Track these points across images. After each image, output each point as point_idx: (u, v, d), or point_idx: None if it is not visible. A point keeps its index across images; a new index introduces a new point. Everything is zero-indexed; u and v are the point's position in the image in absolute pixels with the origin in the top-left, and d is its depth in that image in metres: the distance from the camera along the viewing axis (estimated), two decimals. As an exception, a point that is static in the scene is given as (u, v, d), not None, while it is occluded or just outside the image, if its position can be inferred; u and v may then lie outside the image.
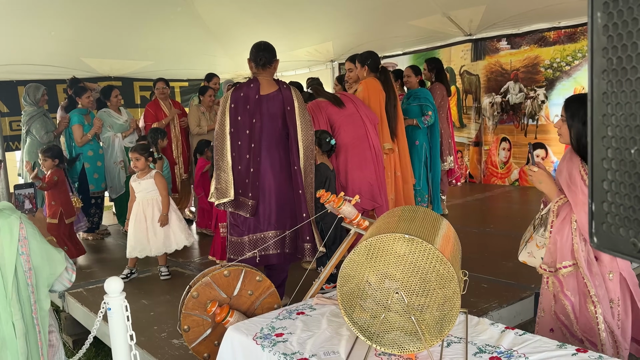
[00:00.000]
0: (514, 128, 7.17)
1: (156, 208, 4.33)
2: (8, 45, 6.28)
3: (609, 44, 0.70)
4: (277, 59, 3.48)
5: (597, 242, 0.75)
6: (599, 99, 0.72)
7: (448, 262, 1.89)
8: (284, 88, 3.44)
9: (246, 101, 3.33)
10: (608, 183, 0.72)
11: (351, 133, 4.27)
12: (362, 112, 4.36)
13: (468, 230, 5.17)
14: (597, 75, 0.72)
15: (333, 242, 3.71)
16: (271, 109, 3.38)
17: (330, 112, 4.29)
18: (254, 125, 3.32)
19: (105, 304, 2.25)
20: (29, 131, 5.40)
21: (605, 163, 0.72)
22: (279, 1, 7.14)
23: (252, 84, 3.39)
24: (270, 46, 3.47)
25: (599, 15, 0.71)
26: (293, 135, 3.39)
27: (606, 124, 0.72)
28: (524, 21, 6.66)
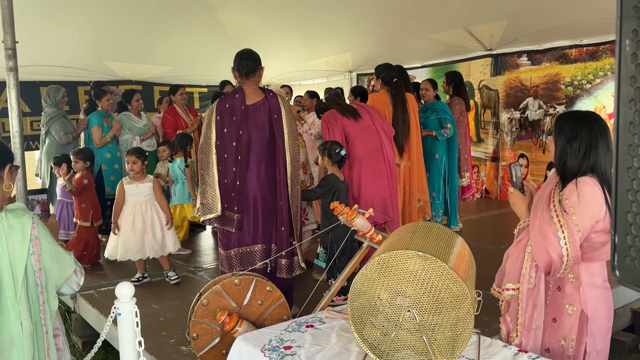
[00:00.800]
0: (532, 145, 7.10)
1: (154, 211, 4.36)
2: (32, 46, 6.36)
3: (637, 73, 0.68)
4: (261, 67, 3.39)
5: (620, 275, 0.72)
6: (625, 128, 0.70)
7: (462, 282, 1.87)
8: (270, 96, 3.35)
9: (232, 112, 3.24)
10: (632, 215, 0.70)
11: (366, 145, 4.25)
12: (377, 124, 4.34)
13: (483, 246, 5.11)
14: (624, 104, 0.70)
15: (343, 253, 3.68)
16: (258, 118, 3.29)
17: (345, 123, 4.28)
18: (241, 137, 3.24)
19: (115, 308, 2.25)
20: (49, 132, 5.47)
21: (630, 195, 0.70)
22: (300, 12, 7.18)
23: (237, 94, 3.31)
24: (253, 54, 3.39)
25: (627, 42, 0.69)
26: (280, 144, 3.30)
27: (632, 155, 0.69)
28: (545, 38, 6.61)
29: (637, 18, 0.68)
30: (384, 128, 4.37)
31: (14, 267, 1.90)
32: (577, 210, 2.00)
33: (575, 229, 2.00)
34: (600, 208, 2.02)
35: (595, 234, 2.04)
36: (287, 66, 9.17)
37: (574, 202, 2.01)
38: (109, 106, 5.82)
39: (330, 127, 4.26)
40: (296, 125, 3.46)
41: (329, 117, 4.34)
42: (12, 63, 4.29)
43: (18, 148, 4.34)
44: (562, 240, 2.00)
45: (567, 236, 2.00)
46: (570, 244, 2.00)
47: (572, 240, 2.00)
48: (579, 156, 2.06)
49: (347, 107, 4.44)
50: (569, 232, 2.00)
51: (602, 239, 2.04)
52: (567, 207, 2.02)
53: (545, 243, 2.04)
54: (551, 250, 2.03)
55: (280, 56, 8.85)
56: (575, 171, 2.08)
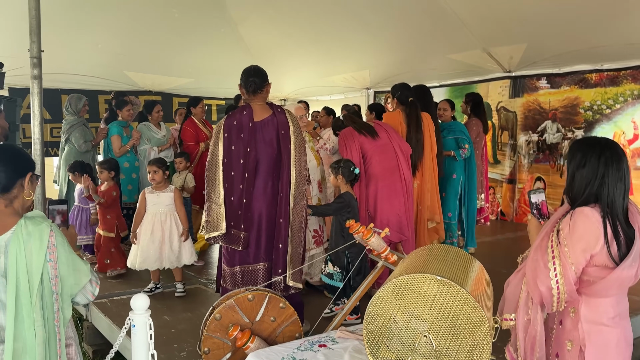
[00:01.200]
0: (550, 168, 7.04)
1: (174, 222, 4.37)
2: (56, 54, 6.47)
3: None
4: (268, 83, 3.39)
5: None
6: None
7: (480, 308, 1.85)
8: (278, 112, 3.34)
9: (240, 129, 3.23)
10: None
11: (383, 164, 4.24)
12: (395, 143, 4.34)
13: (497, 270, 5.01)
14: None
15: (358, 272, 3.65)
16: (266, 135, 3.28)
17: (362, 141, 4.27)
18: (248, 154, 3.22)
19: (130, 320, 2.25)
20: (68, 140, 5.54)
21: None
22: (320, 29, 7.24)
23: (245, 110, 3.30)
24: (260, 70, 3.39)
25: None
26: (286, 160, 3.27)
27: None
28: (565, 61, 6.58)
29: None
30: (401, 147, 4.36)
31: (30, 273, 1.91)
32: (569, 242, 1.94)
33: (568, 261, 1.93)
34: (596, 241, 1.93)
35: (593, 268, 1.96)
36: (305, 81, 9.23)
37: (567, 233, 1.95)
38: (129, 116, 5.88)
39: (348, 144, 4.26)
40: (304, 141, 3.43)
41: (346, 134, 4.34)
42: (36, 71, 4.38)
43: (38, 155, 4.42)
44: (552, 272, 1.94)
45: (559, 268, 1.94)
46: (561, 276, 1.93)
47: (564, 272, 1.93)
48: (584, 184, 2.00)
49: (364, 125, 4.44)
50: (561, 265, 1.94)
51: (601, 274, 1.94)
52: (561, 238, 1.96)
53: (535, 274, 1.99)
54: (540, 282, 1.96)
55: (298, 71, 8.92)
56: (579, 199, 2.01)
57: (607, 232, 1.92)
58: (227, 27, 7.47)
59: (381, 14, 6.57)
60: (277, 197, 3.28)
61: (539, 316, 2.06)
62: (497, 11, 5.90)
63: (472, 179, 5.40)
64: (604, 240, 1.92)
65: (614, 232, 1.93)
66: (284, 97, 10.10)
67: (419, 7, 6.19)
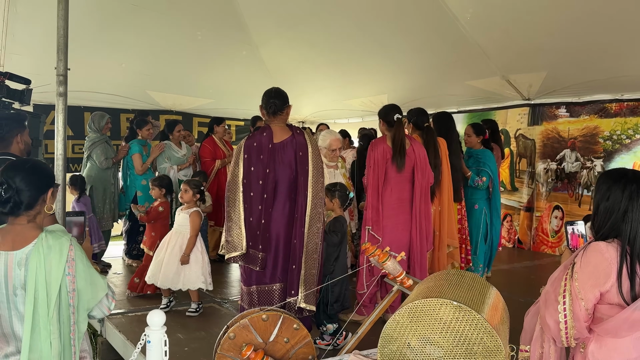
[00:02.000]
0: (568, 197, 6.98)
1: (180, 242, 4.38)
2: (80, 72, 6.61)
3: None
4: (288, 105, 3.42)
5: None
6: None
7: (496, 335, 1.83)
8: (297, 134, 3.37)
9: (259, 151, 3.27)
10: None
11: (396, 194, 4.14)
12: (418, 175, 4.15)
13: (514, 298, 4.98)
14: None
15: (336, 300, 3.60)
16: (285, 157, 3.31)
17: (388, 167, 4.16)
18: (267, 175, 3.25)
19: (145, 335, 2.27)
20: (90, 156, 5.64)
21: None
22: (340, 52, 7.33)
23: (265, 132, 3.34)
24: (281, 92, 3.44)
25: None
26: (302, 181, 3.29)
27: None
28: (585, 90, 6.57)
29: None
30: (422, 177, 4.17)
31: (49, 286, 1.95)
32: (580, 277, 1.88)
33: (578, 296, 1.86)
34: (606, 278, 1.85)
35: (605, 305, 1.88)
36: (323, 105, 9.31)
37: (578, 267, 1.90)
38: (148, 135, 5.98)
39: (376, 159, 4.10)
40: (322, 163, 3.45)
41: (381, 151, 4.11)
42: (62, 89, 4.48)
43: (60, 170, 4.49)
44: (561, 306, 1.89)
45: (568, 303, 1.88)
46: (570, 311, 1.87)
47: (573, 308, 1.87)
48: (606, 218, 1.94)
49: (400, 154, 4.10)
50: (571, 300, 1.88)
51: (612, 313, 1.85)
52: (574, 272, 1.91)
53: (546, 306, 1.94)
54: (548, 316, 1.92)
55: (317, 94, 9.00)
56: (600, 234, 1.95)
57: (622, 270, 1.84)
58: (248, 49, 7.60)
59: (400, 39, 6.64)
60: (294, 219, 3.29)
61: (552, 350, 2.01)
62: (517, 39, 5.93)
63: (495, 209, 5.32)
64: (617, 278, 1.84)
65: (631, 271, 1.85)
66: (302, 120, 10.19)
67: (438, 33, 6.25)
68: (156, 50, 7.30)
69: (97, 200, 5.61)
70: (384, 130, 4.30)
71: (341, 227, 3.70)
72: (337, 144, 4.13)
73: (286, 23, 6.98)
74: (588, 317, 1.88)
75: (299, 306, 3.22)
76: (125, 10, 6.42)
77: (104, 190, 5.65)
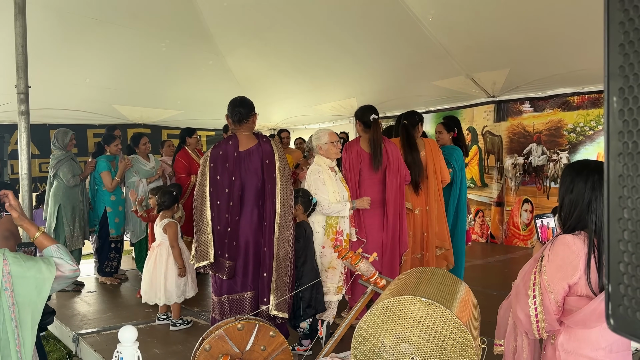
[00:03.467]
0: (537, 190, 7.12)
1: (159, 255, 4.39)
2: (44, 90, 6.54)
3: (624, 128, 0.71)
4: (254, 113, 3.44)
5: (614, 324, 0.74)
6: (615, 181, 0.73)
7: (466, 329, 1.86)
8: (263, 142, 3.39)
9: (225, 159, 3.28)
10: (624, 265, 0.72)
11: (370, 195, 4.14)
12: (390, 176, 4.17)
13: (488, 292, 5.06)
14: (614, 158, 0.73)
15: (308, 305, 3.61)
16: (251, 165, 3.32)
17: (363, 167, 4.18)
18: (233, 183, 3.26)
19: (118, 352, 2.24)
20: (56, 174, 5.54)
21: (622, 245, 0.72)
22: (306, 59, 7.36)
23: (230, 140, 3.35)
24: (246, 101, 3.45)
25: (615, 99, 0.73)
26: (269, 190, 3.30)
27: (622, 206, 0.72)
28: (547, 85, 6.72)
29: (623, 77, 0.72)
30: (396, 180, 4.18)
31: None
32: (548, 270, 1.87)
33: (547, 290, 1.86)
34: (574, 271, 1.84)
35: (574, 297, 1.88)
36: (293, 110, 9.33)
37: (546, 261, 1.89)
38: (117, 151, 5.90)
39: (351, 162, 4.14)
40: (290, 170, 3.46)
41: (356, 154, 4.15)
42: (24, 107, 4.41)
43: (26, 190, 4.41)
44: (531, 300, 1.88)
45: (538, 296, 1.87)
46: (540, 304, 1.87)
47: (543, 301, 1.87)
48: (572, 210, 1.92)
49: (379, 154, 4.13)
50: (541, 293, 1.87)
51: (581, 304, 1.85)
52: (543, 266, 1.90)
53: (517, 300, 1.95)
54: (519, 310, 1.92)
55: (287, 101, 9.03)
56: (567, 226, 1.94)
57: (590, 262, 1.83)
58: (215, 59, 7.58)
59: (365, 43, 6.70)
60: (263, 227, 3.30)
61: (525, 343, 2.01)
62: (479, 39, 6.04)
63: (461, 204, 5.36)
64: (585, 270, 1.83)
65: (598, 262, 1.83)
66: (273, 127, 10.19)
67: (402, 35, 6.33)
68: (120, 63, 7.23)
69: (66, 219, 5.50)
70: (360, 131, 4.32)
71: (303, 232, 3.70)
72: (333, 138, 4.04)
73: (251, 31, 6.99)
74: (558, 310, 1.88)
75: (271, 314, 3.21)
76: (86, 25, 6.34)
77: (72, 208, 5.55)
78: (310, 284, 3.57)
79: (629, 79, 0.71)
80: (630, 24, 0.71)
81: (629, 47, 0.71)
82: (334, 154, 4.04)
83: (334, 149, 4.03)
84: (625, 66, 0.72)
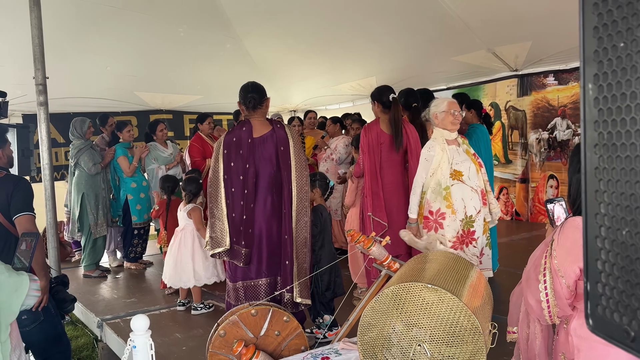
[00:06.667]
0: (562, 165, 6.95)
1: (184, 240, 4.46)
2: (66, 79, 6.63)
3: (599, 118, 0.67)
4: (267, 98, 3.39)
5: (592, 324, 0.70)
6: (591, 173, 0.69)
7: (474, 316, 1.83)
8: (277, 128, 3.33)
9: (239, 146, 3.25)
10: (602, 263, 0.68)
11: (389, 178, 4.12)
12: (412, 158, 4.08)
13: (512, 271, 4.99)
14: (590, 149, 0.68)
15: (327, 288, 3.60)
16: (265, 151, 3.29)
17: (384, 149, 4.09)
18: (247, 171, 3.23)
19: (131, 341, 2.28)
20: (78, 164, 5.63)
21: (599, 241, 0.68)
22: (324, 39, 7.27)
23: (244, 127, 3.31)
24: (258, 86, 3.40)
25: (590, 87, 0.68)
26: (286, 176, 3.27)
27: (599, 201, 0.68)
28: (571, 57, 6.50)
29: (597, 62, 0.67)
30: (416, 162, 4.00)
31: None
32: (558, 254, 1.81)
33: (558, 274, 1.79)
34: None
35: None
36: (313, 92, 9.27)
37: (556, 245, 1.82)
38: (130, 137, 5.96)
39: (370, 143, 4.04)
40: (305, 156, 3.42)
41: (375, 135, 4.05)
42: (42, 98, 4.48)
43: (48, 180, 4.51)
44: (542, 285, 1.82)
45: (549, 281, 1.81)
46: (551, 289, 1.81)
47: (554, 286, 1.80)
48: (578, 190, 1.85)
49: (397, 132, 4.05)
50: (551, 277, 1.81)
51: None
52: (553, 250, 1.83)
53: (527, 285, 1.89)
54: (530, 295, 1.86)
55: (305, 82, 8.96)
56: (575, 206, 1.88)
57: None
58: (232, 42, 7.55)
59: (383, 20, 6.57)
60: (278, 213, 3.29)
61: (537, 330, 1.97)
62: (499, 11, 5.86)
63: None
64: None
65: None
66: (293, 108, 10.16)
67: (420, 11, 6.18)
68: (139, 50, 7.26)
69: (90, 207, 5.60)
70: (377, 112, 4.21)
71: (320, 216, 3.68)
72: (455, 105, 3.73)
73: (267, 13, 6.92)
74: (570, 294, 1.81)
75: (295, 301, 3.23)
76: (103, 13, 6.36)
77: (95, 196, 5.64)
78: (328, 266, 3.57)
79: (603, 64, 0.66)
80: (604, 5, 0.66)
81: (603, 30, 0.66)
82: (449, 123, 3.73)
83: (450, 118, 3.72)
84: (599, 51, 0.67)
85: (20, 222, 2.82)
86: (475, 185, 3.75)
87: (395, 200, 4.10)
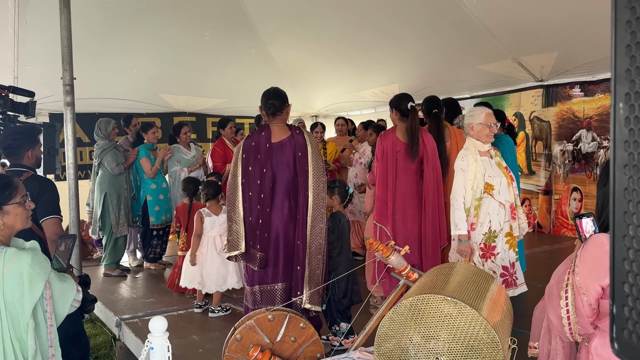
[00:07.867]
0: (586, 178, 6.83)
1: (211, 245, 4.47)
2: (92, 79, 6.73)
3: (630, 138, 0.65)
4: (288, 105, 3.41)
5: (618, 348, 0.68)
6: (620, 194, 0.67)
7: (493, 330, 1.80)
8: (296, 134, 3.35)
9: (257, 150, 3.28)
10: (629, 286, 0.66)
11: (404, 187, 4.07)
12: (429, 168, 4.02)
13: (533, 284, 4.90)
14: (619, 169, 0.67)
15: (344, 295, 3.58)
16: (283, 157, 3.31)
17: (399, 157, 4.05)
18: (265, 175, 3.25)
19: (148, 342, 2.29)
20: (101, 163, 5.71)
21: (627, 264, 0.66)
22: (348, 44, 7.28)
23: (263, 132, 3.34)
24: (280, 92, 3.42)
25: (621, 106, 0.67)
26: (302, 182, 3.28)
27: (627, 222, 0.66)
28: (598, 69, 6.41)
29: (629, 81, 0.66)
30: (433, 171, 4.03)
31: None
32: (580, 271, 1.77)
33: (580, 291, 1.76)
34: (608, 272, 1.69)
35: (607, 300, 1.71)
36: (335, 97, 9.28)
37: (579, 261, 1.79)
38: (154, 139, 6.03)
39: (385, 151, 4.01)
40: (323, 163, 3.42)
41: (391, 143, 4.00)
42: (69, 98, 4.55)
43: (72, 179, 4.57)
44: (563, 301, 1.79)
45: (570, 298, 1.78)
46: (572, 306, 1.77)
47: (575, 303, 1.77)
48: (604, 203, 1.84)
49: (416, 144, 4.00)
50: (573, 295, 1.77)
51: None
52: (576, 267, 1.80)
53: (550, 301, 1.86)
54: (551, 311, 1.83)
55: (328, 88, 8.97)
56: (601, 221, 1.85)
57: None
58: (256, 47, 7.61)
59: (407, 27, 6.56)
60: (295, 218, 3.30)
61: (559, 346, 1.93)
62: (525, 21, 5.81)
63: None
64: None
65: None
66: (315, 114, 10.17)
67: (446, 19, 6.16)
68: (165, 53, 7.36)
69: (112, 207, 5.68)
70: (395, 120, 4.18)
71: (338, 222, 3.67)
72: (492, 118, 3.69)
73: (291, 18, 6.96)
74: (592, 313, 1.78)
75: (304, 307, 3.23)
76: (130, 16, 6.47)
77: (117, 196, 5.71)
78: (345, 274, 3.56)
79: (635, 83, 0.65)
80: (637, 23, 0.65)
81: (636, 49, 0.65)
82: (485, 136, 3.72)
83: (486, 131, 3.71)
84: (632, 69, 0.65)
85: (47, 225, 2.88)
86: (504, 200, 3.71)
87: (410, 209, 4.04)
